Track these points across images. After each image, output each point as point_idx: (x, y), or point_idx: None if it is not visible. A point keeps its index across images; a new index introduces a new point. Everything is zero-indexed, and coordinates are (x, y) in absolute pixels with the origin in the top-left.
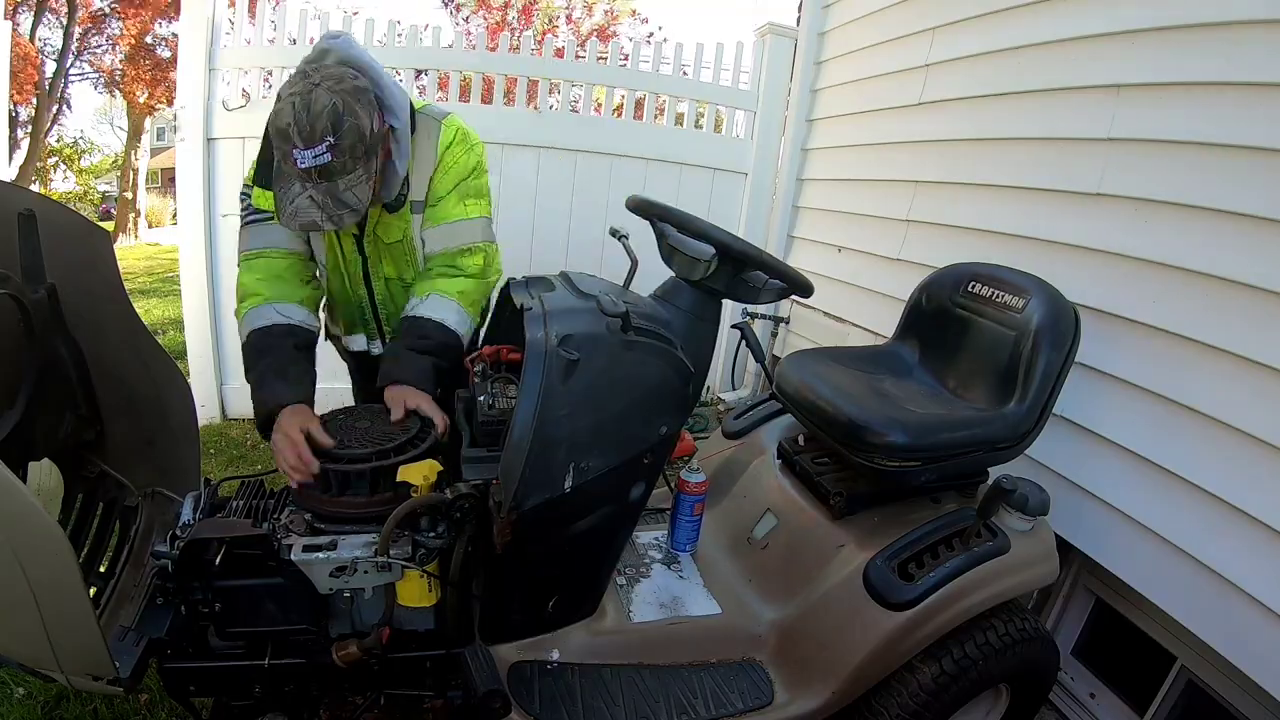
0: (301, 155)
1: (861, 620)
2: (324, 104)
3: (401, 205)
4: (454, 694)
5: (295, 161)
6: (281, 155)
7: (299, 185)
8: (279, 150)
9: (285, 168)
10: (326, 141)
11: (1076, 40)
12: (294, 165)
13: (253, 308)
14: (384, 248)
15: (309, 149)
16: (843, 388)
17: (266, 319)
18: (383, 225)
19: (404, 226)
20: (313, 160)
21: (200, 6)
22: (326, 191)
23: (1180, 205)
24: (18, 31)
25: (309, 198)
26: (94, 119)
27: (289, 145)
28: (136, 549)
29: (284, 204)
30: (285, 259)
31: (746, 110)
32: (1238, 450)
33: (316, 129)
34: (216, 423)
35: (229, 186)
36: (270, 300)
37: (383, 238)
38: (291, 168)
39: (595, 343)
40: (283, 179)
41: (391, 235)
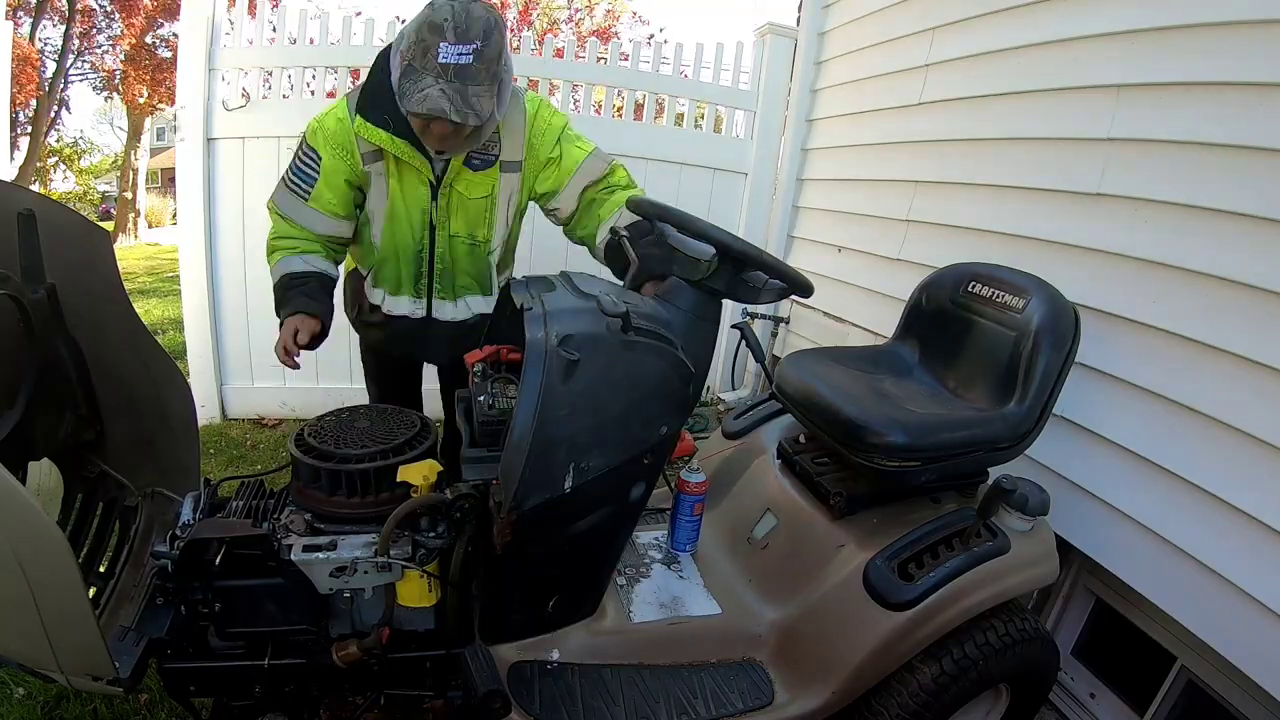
0: (448, 50)
1: (861, 620)
2: (480, 14)
3: (492, 164)
4: (454, 694)
5: (438, 55)
6: (423, 49)
7: (432, 79)
8: (421, 45)
9: (422, 63)
10: (475, 45)
11: (1076, 40)
12: (435, 59)
13: (283, 257)
14: (461, 202)
15: (458, 44)
16: (843, 388)
17: (295, 266)
18: (464, 180)
19: (492, 182)
20: (457, 57)
21: (200, 6)
22: (458, 90)
23: (1180, 205)
24: (18, 33)
25: (440, 90)
26: (94, 119)
27: (439, 38)
28: (136, 549)
29: (412, 92)
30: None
31: (746, 110)
32: (1238, 450)
33: (471, 30)
34: (216, 423)
35: (229, 186)
36: (299, 251)
37: (463, 192)
38: (432, 62)
39: (595, 343)
40: (412, 74)
41: (475, 191)
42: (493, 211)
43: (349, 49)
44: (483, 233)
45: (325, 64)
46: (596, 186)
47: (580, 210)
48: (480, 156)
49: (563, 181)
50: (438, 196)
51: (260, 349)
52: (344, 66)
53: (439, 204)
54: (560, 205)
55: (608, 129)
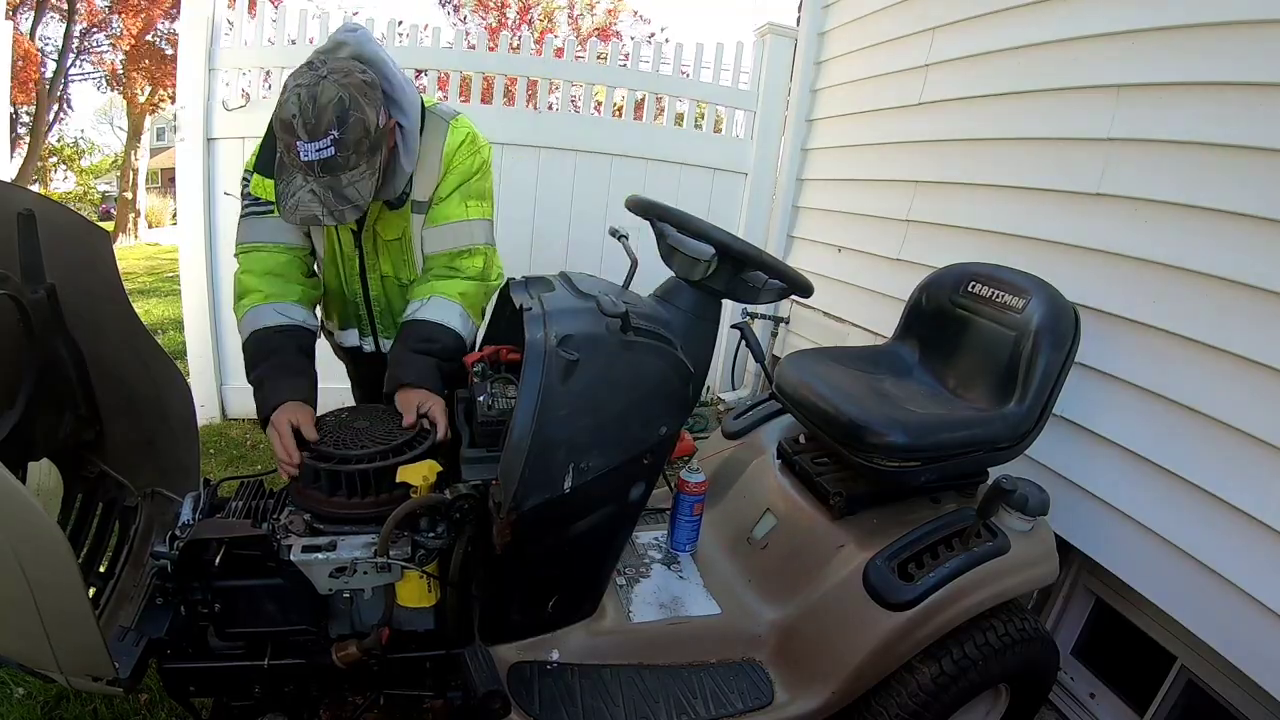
0: (305, 148)
1: (861, 620)
2: (330, 97)
3: (403, 204)
4: (454, 694)
5: (299, 154)
6: (285, 147)
7: (301, 178)
8: (282, 141)
9: (288, 159)
10: (331, 135)
11: (1076, 40)
12: (297, 157)
13: (252, 307)
14: (382, 244)
15: (313, 142)
16: (843, 388)
17: (266, 320)
18: (382, 221)
19: (404, 225)
20: (316, 154)
21: (200, 6)
22: (328, 185)
23: (1180, 205)
24: (19, 31)
25: (310, 191)
26: (94, 119)
27: (292, 137)
28: (136, 549)
29: (285, 197)
30: (283, 254)
31: (746, 110)
32: (1238, 450)
33: (321, 122)
34: (216, 423)
35: (229, 186)
36: (270, 299)
37: (381, 234)
38: (294, 159)
39: (595, 343)
40: (284, 171)
41: (390, 232)
42: (410, 252)
43: None
44: (406, 274)
45: None
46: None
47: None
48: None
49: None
50: (361, 241)
51: None
52: None
53: (364, 248)
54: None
55: (608, 129)
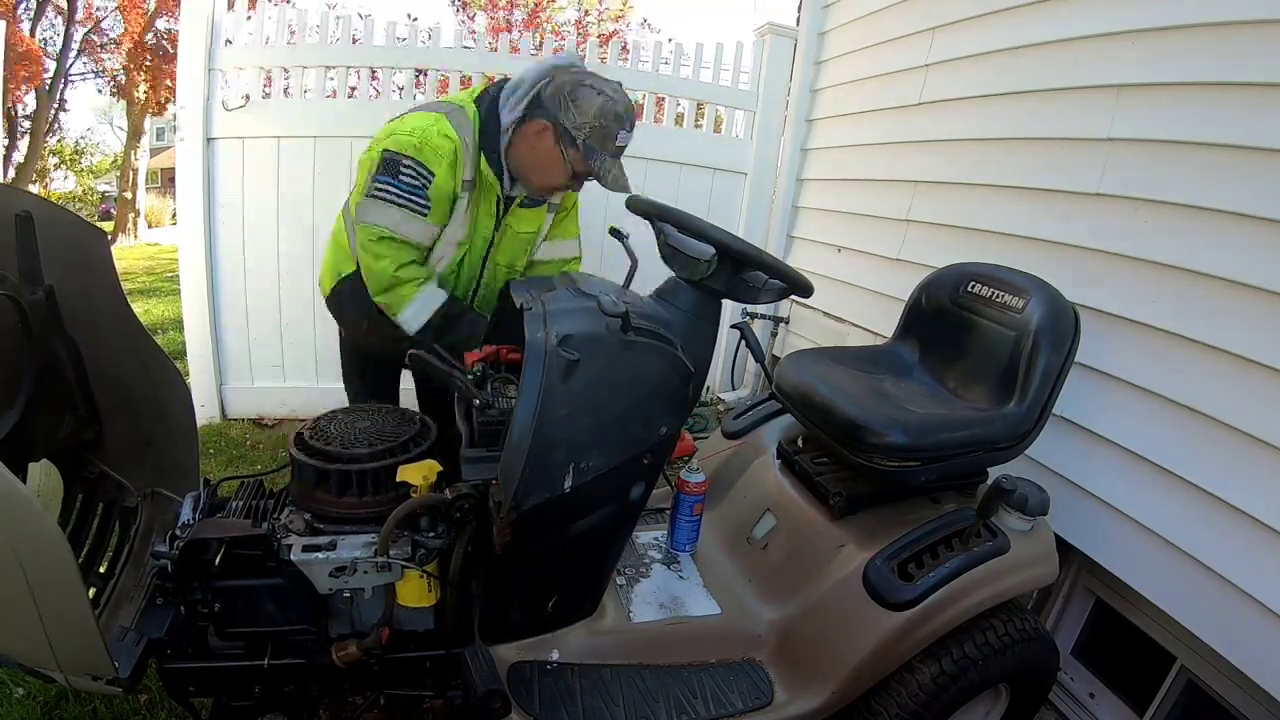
0: (625, 137)
1: (861, 620)
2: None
3: (543, 203)
4: (454, 694)
5: (617, 139)
6: (607, 135)
7: (609, 160)
8: (605, 130)
9: (604, 145)
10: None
11: (1076, 40)
12: (615, 143)
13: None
14: (512, 236)
15: (629, 132)
16: (842, 388)
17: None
18: (517, 216)
19: (540, 221)
20: (626, 139)
21: (200, 6)
22: (621, 167)
23: (1180, 205)
24: (20, 29)
25: (620, 169)
26: (94, 119)
27: (618, 127)
28: (136, 549)
29: (604, 172)
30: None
31: (746, 110)
32: (1237, 450)
33: (630, 118)
34: (216, 423)
35: (229, 186)
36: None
37: (514, 226)
38: (611, 145)
39: (595, 343)
40: (594, 155)
41: (526, 226)
42: (533, 244)
43: (349, 49)
44: (521, 262)
45: (325, 64)
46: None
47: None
48: (533, 199)
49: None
50: (498, 228)
51: (260, 349)
52: (344, 66)
53: (496, 237)
54: None
55: None
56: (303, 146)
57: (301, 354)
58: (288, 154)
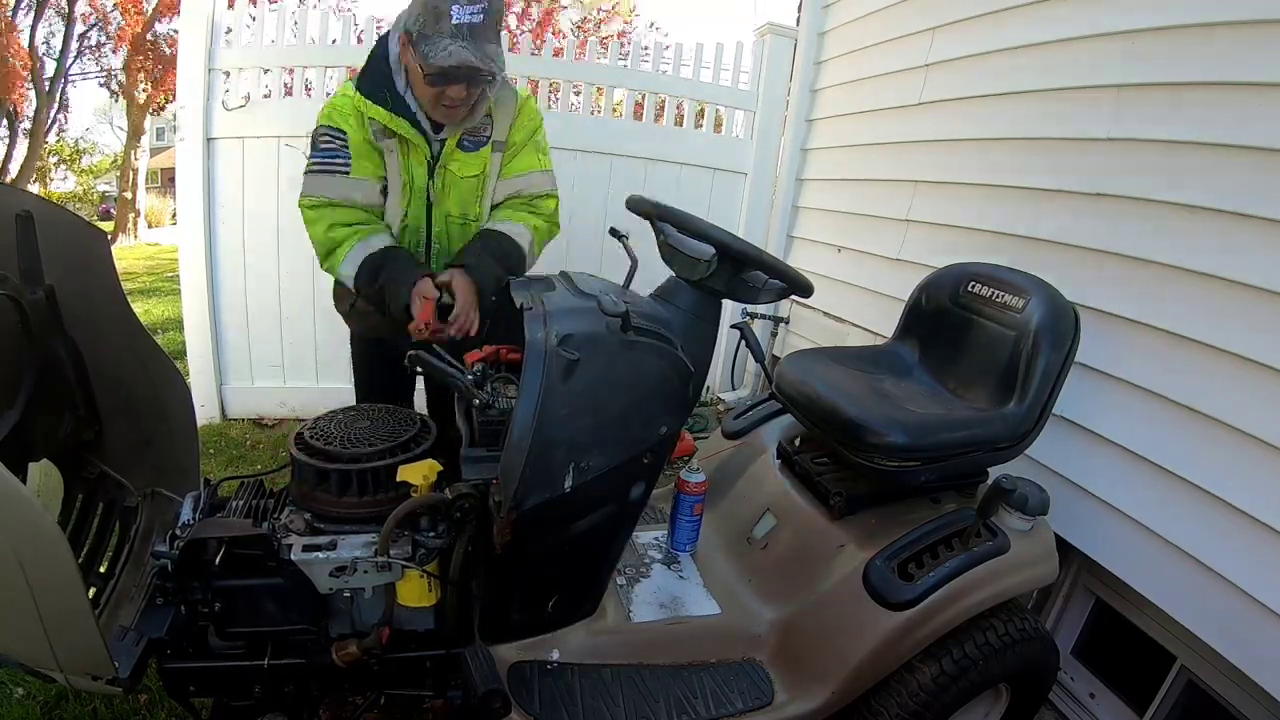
0: (460, 11)
1: (861, 620)
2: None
3: (484, 144)
4: (454, 694)
5: (452, 17)
6: (435, 15)
7: (448, 39)
8: (433, 12)
9: (435, 28)
10: (483, 3)
11: (1076, 40)
12: (448, 23)
13: (354, 245)
14: (454, 182)
15: (469, 6)
16: (843, 388)
17: (374, 246)
18: (456, 160)
19: (484, 162)
20: (469, 16)
21: (200, 6)
22: (475, 47)
23: (1180, 205)
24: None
25: (461, 45)
26: (94, 119)
27: (449, 3)
28: (136, 549)
29: (434, 52)
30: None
31: (746, 110)
32: (1238, 450)
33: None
34: (216, 423)
35: (229, 186)
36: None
37: (456, 173)
38: (446, 24)
39: (595, 343)
40: (426, 40)
41: (469, 170)
42: (484, 188)
43: (349, 49)
44: (475, 210)
45: (325, 64)
46: (523, 197)
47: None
48: (472, 139)
49: (509, 174)
50: (434, 175)
51: (260, 348)
52: (344, 66)
53: (434, 183)
54: None
55: (608, 129)
56: (303, 146)
57: (301, 354)
58: (288, 154)
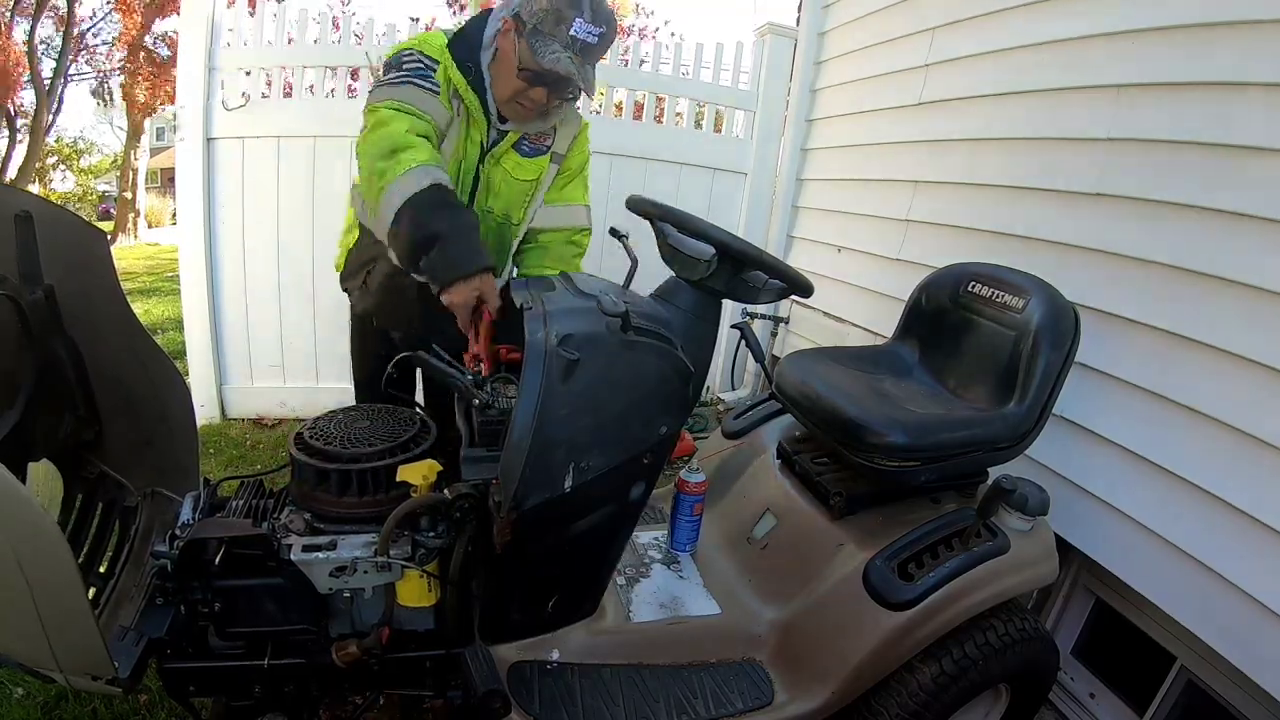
0: (581, 26)
1: (861, 620)
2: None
3: (544, 153)
4: (454, 694)
5: (571, 27)
6: (557, 18)
7: (559, 47)
8: (556, 14)
9: (551, 30)
10: (603, 29)
11: (1076, 40)
12: (566, 31)
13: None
14: (505, 180)
15: (590, 25)
16: (843, 388)
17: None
18: (511, 160)
19: (540, 170)
20: (586, 34)
21: (200, 6)
22: (582, 64)
23: (1180, 205)
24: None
25: (569, 57)
26: (94, 119)
27: (574, 12)
28: (136, 549)
29: (543, 51)
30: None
31: (746, 110)
32: (1237, 450)
33: (601, 14)
34: (216, 423)
35: (229, 186)
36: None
37: (510, 171)
38: (564, 32)
39: (595, 343)
40: (540, 38)
41: (524, 174)
42: (533, 195)
43: (349, 49)
44: (518, 214)
45: (325, 64)
46: (565, 232)
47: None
48: (531, 145)
49: (553, 201)
50: (484, 161)
51: (260, 349)
52: (344, 66)
53: (482, 171)
54: None
55: (608, 129)
56: (303, 146)
57: (301, 354)
58: (288, 154)
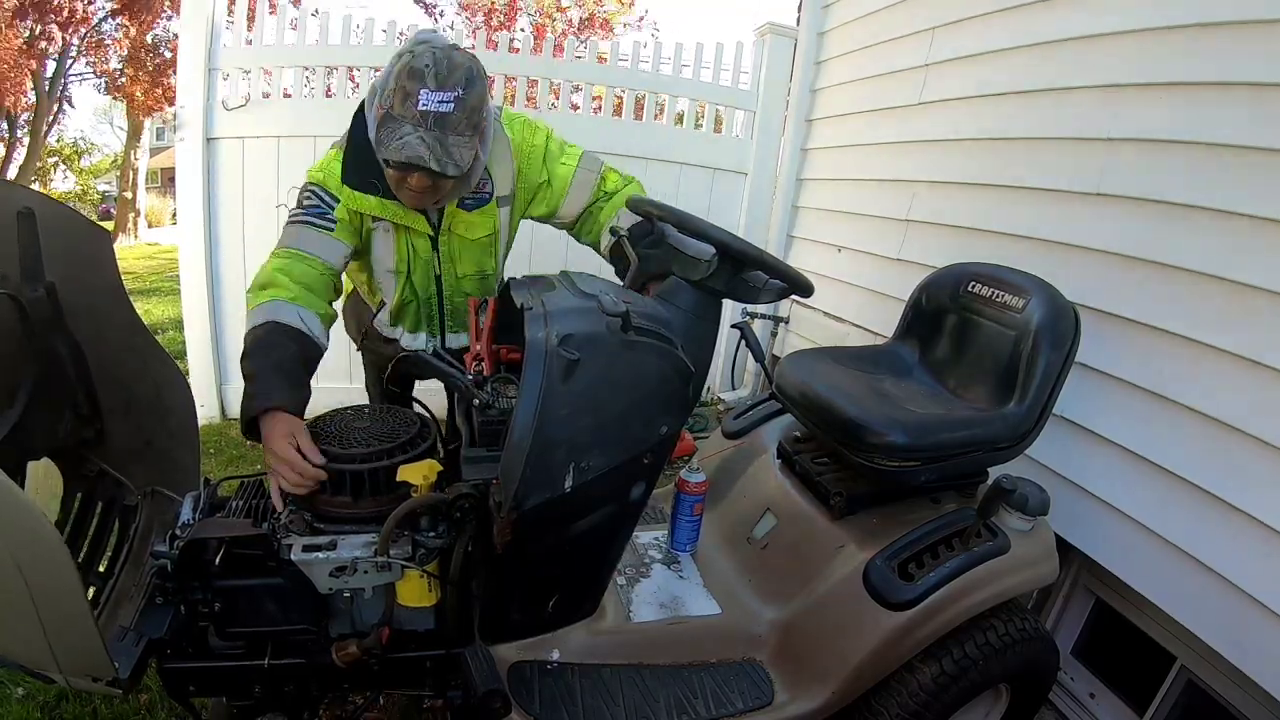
0: (428, 97)
1: (861, 620)
2: (462, 61)
3: (488, 201)
4: (454, 694)
5: (418, 102)
6: (403, 95)
7: (411, 127)
8: (401, 91)
9: (400, 111)
10: (456, 92)
11: (1077, 40)
12: (414, 108)
13: (275, 300)
14: (463, 245)
15: (439, 92)
16: (843, 388)
17: (286, 318)
18: (463, 223)
19: (492, 220)
20: (437, 104)
21: (200, 6)
22: (437, 139)
23: (1180, 205)
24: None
25: (419, 138)
26: (94, 119)
27: (418, 85)
28: (136, 549)
29: (388, 141)
30: (324, 274)
31: (746, 110)
32: (1237, 450)
33: (452, 77)
34: (216, 422)
35: (229, 186)
36: (297, 300)
37: (465, 235)
38: (410, 110)
39: (596, 342)
40: (391, 123)
41: (478, 231)
42: (496, 245)
43: (349, 49)
44: (490, 265)
45: (325, 64)
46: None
47: (581, 219)
48: (473, 198)
49: (558, 202)
50: (438, 247)
51: None
52: (343, 66)
53: (440, 253)
54: (561, 218)
55: (608, 128)
56: (303, 146)
57: None
58: (287, 154)
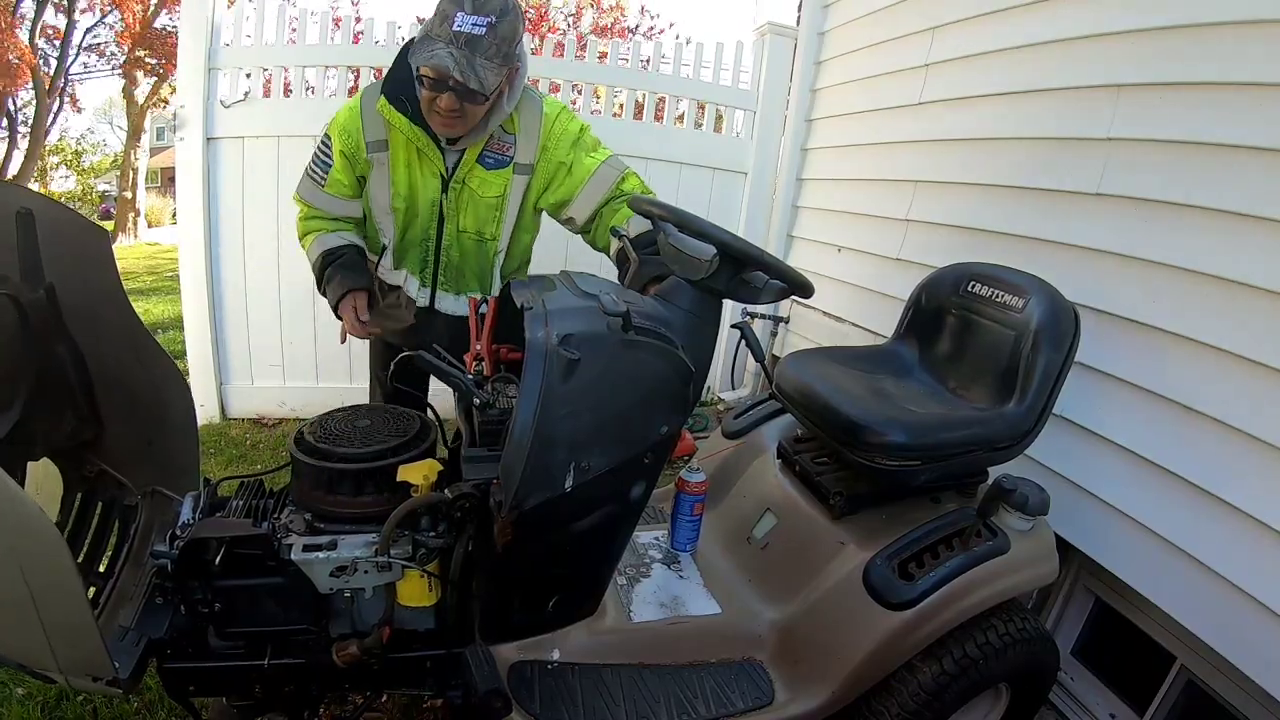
0: (464, 19)
1: (861, 620)
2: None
3: (506, 165)
4: (454, 694)
5: (454, 23)
6: (441, 18)
7: (443, 45)
8: (440, 14)
9: (437, 30)
10: (490, 19)
11: (1077, 40)
12: (449, 28)
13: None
14: (472, 199)
15: (474, 16)
16: (843, 387)
17: (332, 242)
18: (476, 177)
19: (504, 183)
20: (471, 26)
21: (200, 6)
22: (466, 57)
23: (1180, 205)
24: (18, 36)
25: (449, 53)
26: (94, 118)
27: (455, 8)
28: (136, 548)
29: (422, 52)
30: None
31: (746, 110)
32: (1238, 450)
33: (488, 5)
34: (216, 422)
35: (229, 186)
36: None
37: (476, 190)
38: (445, 30)
39: (596, 342)
40: (427, 41)
41: (489, 191)
42: (503, 210)
43: (349, 49)
44: (491, 230)
45: (325, 64)
46: (604, 199)
47: (595, 220)
48: (494, 156)
49: (574, 191)
50: (448, 189)
51: (260, 348)
52: (344, 66)
53: (449, 197)
54: (574, 214)
55: (608, 128)
56: (303, 146)
57: (301, 354)
58: (288, 154)
